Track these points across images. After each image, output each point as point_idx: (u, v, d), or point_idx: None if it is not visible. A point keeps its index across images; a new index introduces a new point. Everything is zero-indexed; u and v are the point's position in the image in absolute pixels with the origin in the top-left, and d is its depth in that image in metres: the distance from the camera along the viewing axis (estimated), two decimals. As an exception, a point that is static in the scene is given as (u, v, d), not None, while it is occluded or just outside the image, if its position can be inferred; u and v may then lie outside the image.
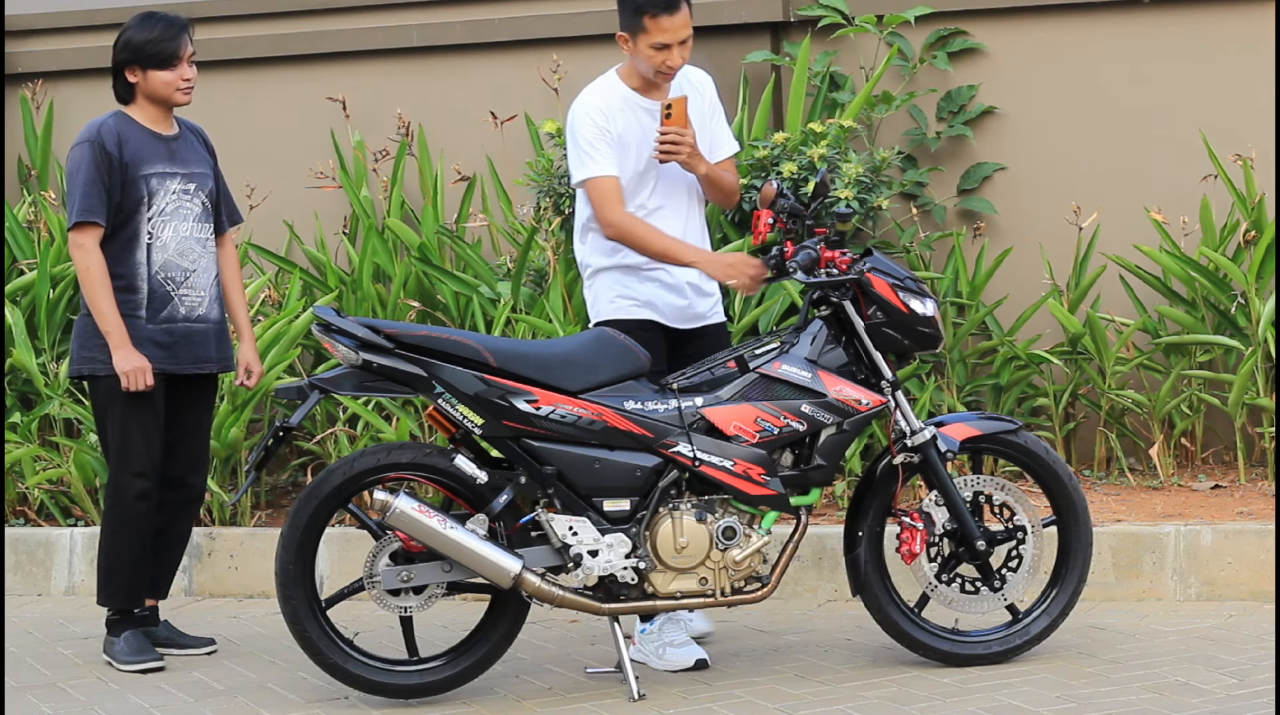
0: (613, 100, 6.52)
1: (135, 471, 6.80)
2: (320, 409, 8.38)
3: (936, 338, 6.41)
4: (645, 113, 6.53)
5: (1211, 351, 8.02)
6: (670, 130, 6.39)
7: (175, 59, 6.80)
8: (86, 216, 6.71)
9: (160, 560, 6.98)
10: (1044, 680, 6.22)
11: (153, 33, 6.81)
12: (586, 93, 6.59)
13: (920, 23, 8.52)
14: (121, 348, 6.70)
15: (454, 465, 6.15)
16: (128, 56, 6.83)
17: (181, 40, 6.83)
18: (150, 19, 6.86)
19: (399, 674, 6.29)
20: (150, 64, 6.81)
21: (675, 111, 6.39)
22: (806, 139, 8.15)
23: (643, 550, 6.22)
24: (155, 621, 7.03)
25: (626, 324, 6.46)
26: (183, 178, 6.86)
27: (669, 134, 6.39)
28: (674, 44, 6.41)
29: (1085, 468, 8.21)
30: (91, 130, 6.80)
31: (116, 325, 6.71)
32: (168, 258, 6.81)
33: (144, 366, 6.70)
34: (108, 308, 6.71)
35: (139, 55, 6.81)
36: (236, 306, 7.04)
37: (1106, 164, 8.38)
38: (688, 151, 6.42)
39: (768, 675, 6.45)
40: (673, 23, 6.40)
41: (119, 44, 6.85)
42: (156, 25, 6.83)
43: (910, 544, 6.31)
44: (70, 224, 6.74)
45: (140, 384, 6.69)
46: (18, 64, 9.69)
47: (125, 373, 6.69)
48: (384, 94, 9.19)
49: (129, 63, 6.83)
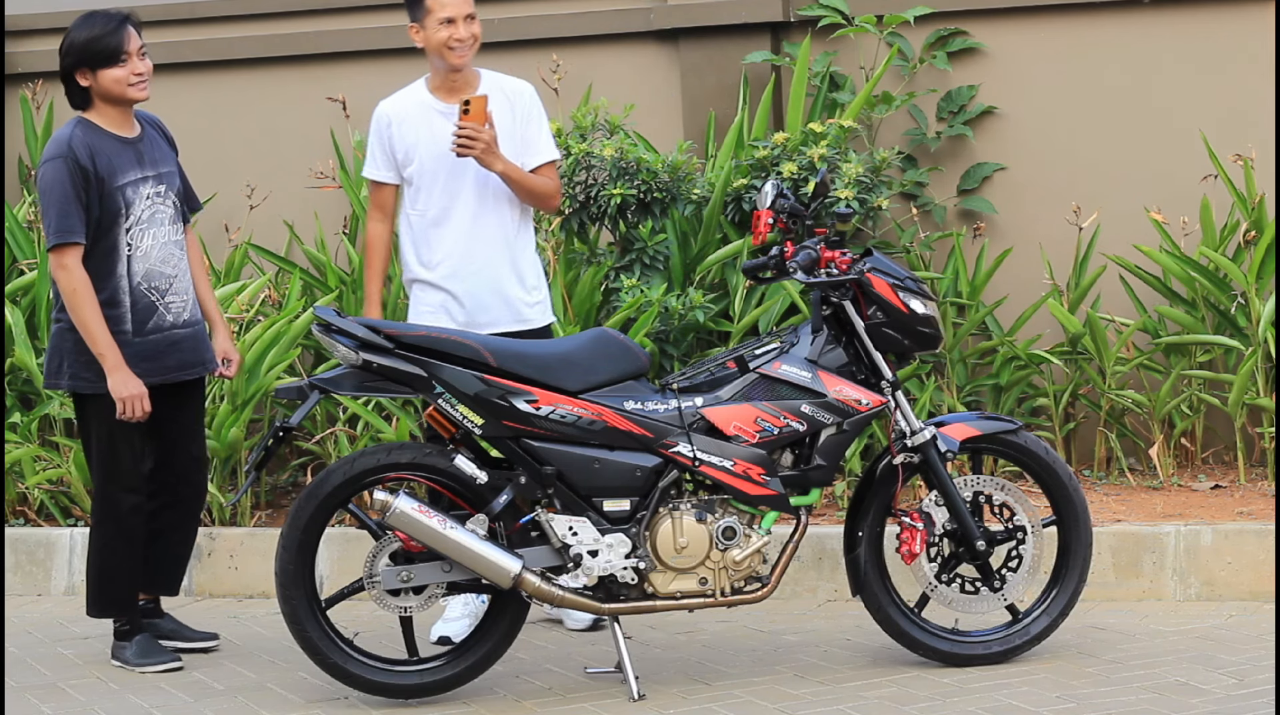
0: (407, 106, 6.83)
1: (125, 487, 6.74)
2: (320, 409, 8.38)
3: (936, 338, 6.41)
4: (439, 115, 6.75)
5: (1211, 351, 8.02)
6: (467, 126, 6.58)
7: (121, 53, 6.60)
8: (66, 237, 6.55)
9: (169, 558, 6.95)
10: (1044, 680, 6.22)
11: (93, 30, 6.61)
12: (385, 99, 6.91)
13: (920, 23, 8.52)
14: (117, 371, 6.58)
15: (454, 465, 6.15)
16: (73, 60, 6.63)
17: (124, 33, 6.62)
18: (90, 17, 6.66)
19: (399, 674, 6.29)
20: (97, 63, 6.61)
21: (473, 109, 6.59)
22: (806, 139, 8.15)
23: (643, 550, 6.22)
24: (160, 614, 7.02)
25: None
26: (154, 180, 6.72)
27: (465, 129, 6.58)
28: (458, 18, 6.64)
29: (1085, 468, 8.21)
30: (61, 146, 6.59)
31: (109, 346, 6.57)
32: (150, 266, 6.70)
33: (140, 393, 6.59)
34: (98, 330, 6.57)
35: (84, 56, 6.61)
36: (205, 296, 6.91)
37: (1106, 164, 8.38)
38: (482, 147, 6.59)
39: (768, 675, 6.45)
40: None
41: (63, 49, 6.65)
42: (96, 22, 6.63)
43: (910, 544, 6.31)
44: (50, 246, 6.58)
45: (137, 413, 6.60)
46: (18, 64, 9.69)
47: (122, 399, 6.58)
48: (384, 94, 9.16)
49: (76, 66, 6.63)
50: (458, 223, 6.76)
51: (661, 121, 8.71)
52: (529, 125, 6.80)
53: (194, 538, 7.07)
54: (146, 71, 6.71)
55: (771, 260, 6.37)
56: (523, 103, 6.82)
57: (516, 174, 6.70)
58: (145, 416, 6.64)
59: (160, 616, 7.04)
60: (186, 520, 6.99)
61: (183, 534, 6.99)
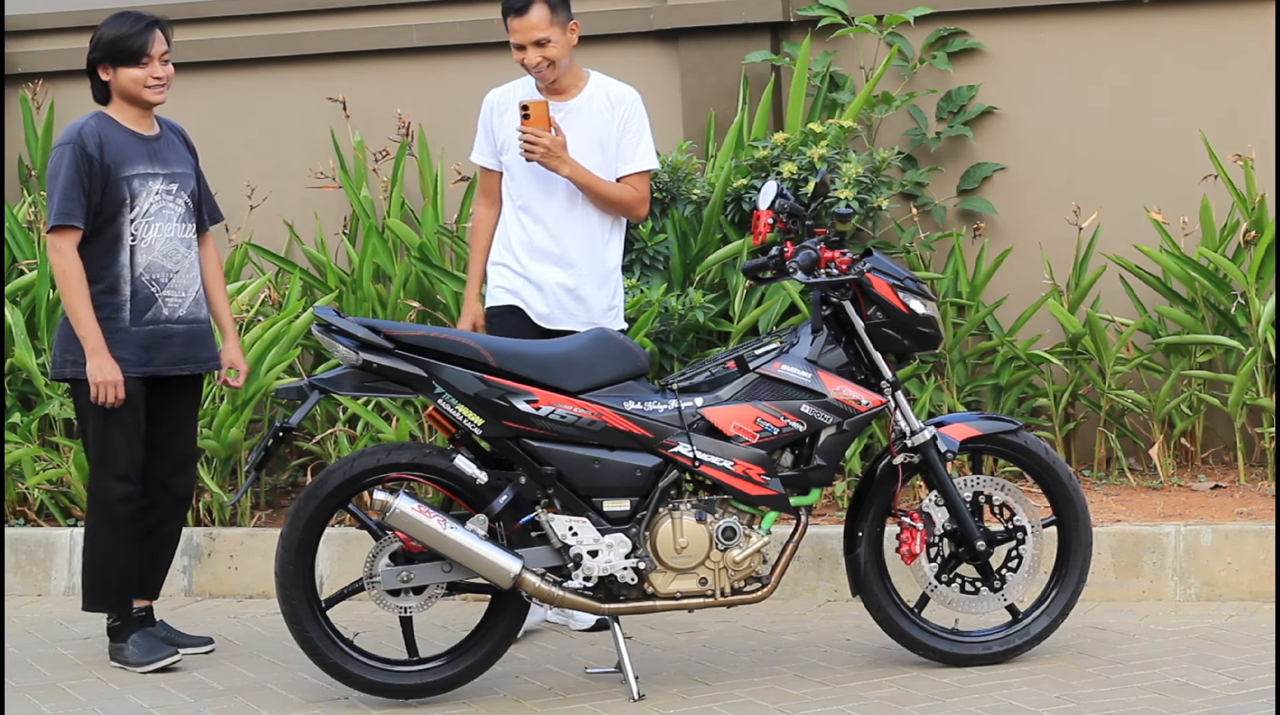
0: (507, 98, 6.93)
1: (116, 475, 6.76)
2: (320, 409, 8.38)
3: (936, 338, 6.41)
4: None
5: (1211, 351, 8.02)
6: (529, 130, 6.69)
7: (143, 55, 6.71)
8: (64, 220, 6.64)
9: (151, 561, 6.95)
10: (1044, 680, 6.22)
11: (121, 29, 6.74)
12: (495, 88, 7.03)
13: (920, 23, 8.52)
14: (97, 354, 6.64)
15: (454, 465, 6.15)
16: (99, 54, 6.77)
17: (149, 36, 6.73)
18: (122, 16, 6.80)
19: (399, 674, 6.29)
20: (120, 60, 6.73)
21: (534, 113, 6.70)
22: (806, 139, 8.15)
23: (642, 550, 6.21)
24: (151, 622, 7.02)
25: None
26: (165, 178, 6.80)
27: (527, 134, 6.70)
28: (527, 44, 6.75)
29: (1085, 468, 8.21)
30: (72, 132, 6.73)
31: (93, 330, 6.64)
32: (152, 259, 6.76)
33: (116, 380, 6.63)
34: (84, 313, 6.64)
35: (109, 52, 6.74)
36: (220, 306, 6.97)
37: (1106, 164, 8.38)
38: (542, 152, 6.67)
39: (768, 675, 6.45)
40: (520, 24, 6.76)
41: (92, 42, 6.80)
42: (125, 21, 6.77)
43: (910, 544, 6.31)
44: (49, 227, 6.67)
45: (110, 398, 6.64)
46: (18, 64, 9.69)
47: (97, 384, 6.62)
48: (384, 94, 9.19)
49: (100, 60, 6.77)
50: (544, 216, 6.84)
51: (661, 121, 8.70)
52: (625, 132, 6.86)
53: (176, 541, 7.03)
54: (166, 77, 6.81)
55: (771, 260, 6.37)
56: (622, 109, 6.88)
57: (585, 179, 6.76)
58: (119, 403, 6.67)
59: (153, 624, 7.03)
60: (167, 522, 6.97)
61: (161, 536, 6.97)
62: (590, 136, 6.81)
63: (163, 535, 6.97)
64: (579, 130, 6.81)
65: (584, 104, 6.85)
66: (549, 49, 6.75)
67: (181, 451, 6.95)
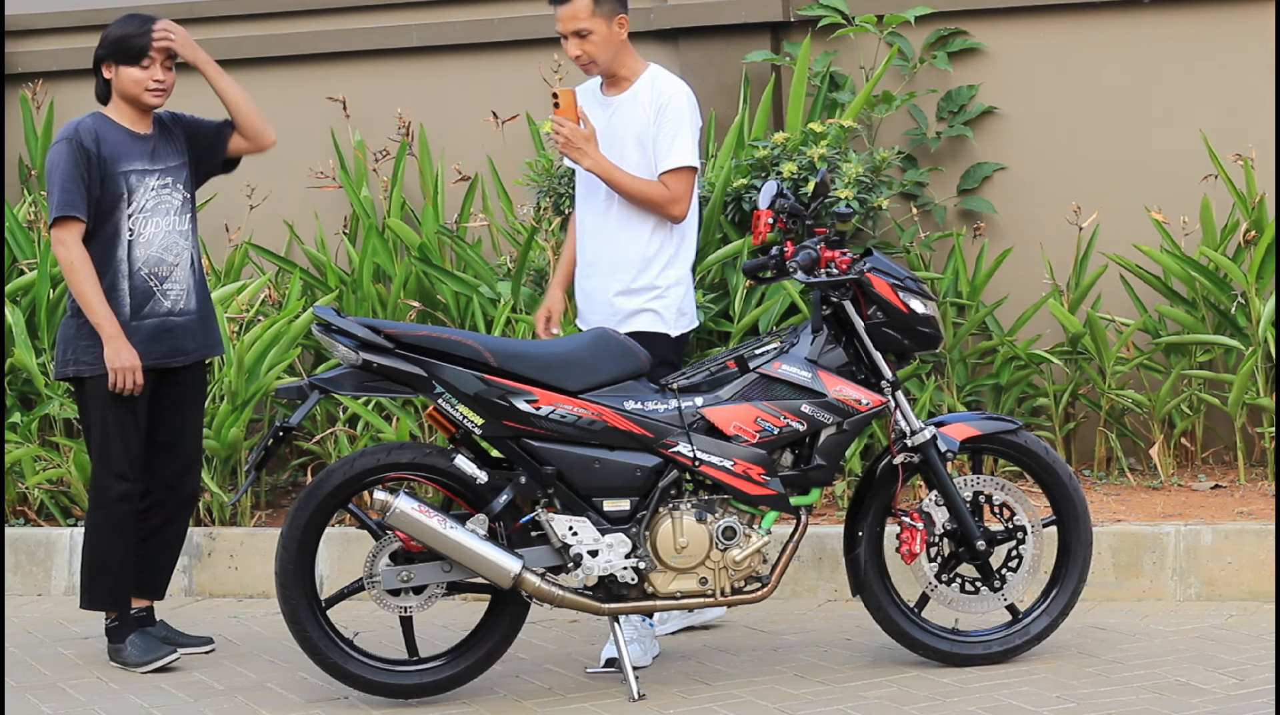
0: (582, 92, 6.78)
1: (115, 473, 6.77)
2: (320, 409, 8.38)
3: (936, 338, 6.41)
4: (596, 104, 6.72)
5: (1211, 351, 8.02)
6: (555, 119, 6.59)
7: (145, 56, 6.75)
8: (67, 211, 6.67)
9: (155, 561, 6.96)
10: (1044, 680, 6.22)
11: (127, 29, 6.79)
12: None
13: (920, 23, 8.52)
14: (114, 341, 6.66)
15: (454, 465, 6.15)
16: (103, 52, 6.82)
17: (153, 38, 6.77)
18: (130, 17, 6.85)
19: (399, 674, 6.29)
20: (122, 59, 6.77)
21: (562, 102, 6.59)
22: (806, 139, 8.15)
23: (643, 550, 6.21)
24: (151, 622, 7.02)
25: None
26: (160, 173, 6.82)
27: (555, 123, 6.59)
28: (568, 34, 6.62)
29: (1085, 468, 8.21)
30: (69, 129, 6.77)
31: (107, 317, 6.66)
32: (151, 253, 6.78)
33: (134, 366, 6.66)
34: (96, 300, 6.66)
35: (112, 50, 6.79)
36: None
37: (1107, 164, 8.38)
38: (563, 142, 6.55)
39: (768, 675, 6.45)
40: (562, 13, 6.63)
41: (100, 40, 6.85)
42: (133, 22, 6.82)
43: (910, 544, 6.31)
44: (51, 220, 6.70)
45: (128, 385, 6.66)
46: (18, 64, 9.69)
47: (115, 370, 6.65)
48: (384, 94, 9.19)
49: (104, 58, 6.82)
50: (591, 212, 6.69)
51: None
52: (662, 128, 6.62)
53: (181, 542, 7.05)
54: (168, 81, 6.84)
55: (771, 260, 6.37)
56: (664, 104, 6.66)
57: (609, 173, 6.56)
58: (138, 390, 6.67)
59: (153, 624, 7.03)
60: (172, 523, 6.97)
61: (166, 537, 6.98)
62: (631, 133, 6.62)
63: (167, 536, 6.98)
64: (622, 126, 6.64)
65: (629, 99, 6.66)
66: (589, 41, 6.56)
67: (187, 452, 6.96)
